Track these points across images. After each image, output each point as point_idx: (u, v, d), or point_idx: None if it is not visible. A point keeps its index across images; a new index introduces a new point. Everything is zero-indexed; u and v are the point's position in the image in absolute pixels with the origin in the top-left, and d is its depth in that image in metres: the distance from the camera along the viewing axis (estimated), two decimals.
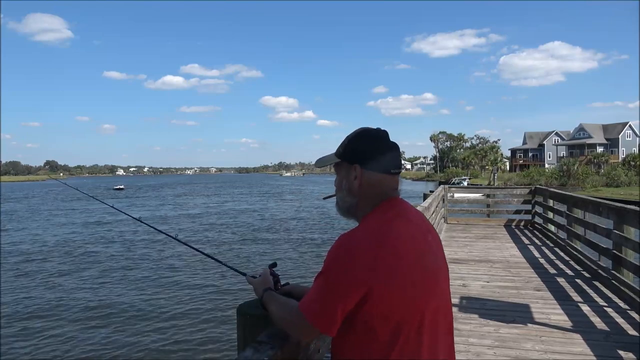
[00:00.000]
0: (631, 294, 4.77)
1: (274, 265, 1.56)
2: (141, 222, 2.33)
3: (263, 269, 1.52)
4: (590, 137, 67.09)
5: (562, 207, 8.15)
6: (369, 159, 1.26)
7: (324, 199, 1.64)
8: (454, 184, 50.75)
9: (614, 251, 5.33)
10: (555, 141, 72.99)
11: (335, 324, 1.14)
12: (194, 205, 37.65)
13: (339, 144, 1.34)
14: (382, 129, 1.32)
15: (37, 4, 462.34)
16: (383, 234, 1.16)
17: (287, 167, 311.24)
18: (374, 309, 1.13)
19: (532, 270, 6.19)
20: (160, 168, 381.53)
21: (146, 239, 18.68)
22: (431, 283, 1.21)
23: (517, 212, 11.88)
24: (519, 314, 4.36)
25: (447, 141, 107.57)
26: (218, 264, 1.92)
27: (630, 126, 66.62)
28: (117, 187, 73.27)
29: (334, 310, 1.13)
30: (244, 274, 1.61)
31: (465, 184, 50.82)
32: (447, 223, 10.94)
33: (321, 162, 1.41)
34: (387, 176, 1.27)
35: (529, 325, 4.06)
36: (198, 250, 2.04)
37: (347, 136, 1.32)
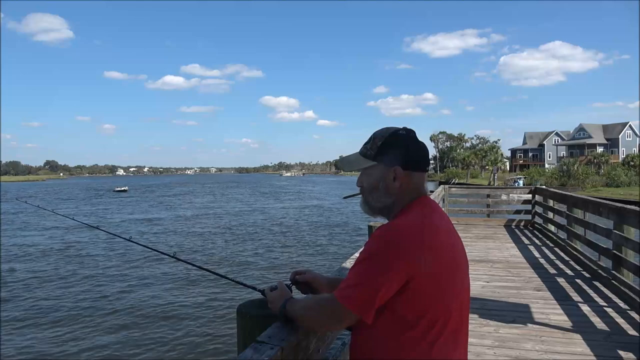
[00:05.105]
0: (631, 294, 4.78)
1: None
2: (136, 243, 2.37)
3: (278, 282, 1.48)
4: (590, 137, 67.16)
5: (562, 207, 8.15)
6: (406, 159, 1.27)
7: (345, 198, 1.61)
8: (454, 183, 50.64)
9: (614, 251, 5.33)
10: (555, 141, 73.08)
11: (373, 310, 1.15)
12: (198, 207, 37.66)
13: (366, 145, 1.31)
14: (409, 128, 1.32)
15: (37, 4, 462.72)
16: (425, 226, 1.18)
17: (287, 167, 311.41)
18: (410, 300, 1.14)
19: (532, 270, 6.19)
20: (160, 168, 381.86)
21: (147, 240, 18.68)
22: (459, 279, 1.24)
23: (517, 212, 11.90)
24: (519, 314, 4.35)
25: (447, 141, 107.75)
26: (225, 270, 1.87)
27: (630, 126, 66.72)
28: (120, 188, 66.36)
29: (374, 296, 1.13)
30: (262, 291, 1.52)
31: (522, 183, 44.76)
32: None
33: (349, 165, 1.37)
34: (421, 174, 1.30)
35: (529, 325, 4.05)
36: (208, 270, 2.00)
37: (377, 137, 1.30)
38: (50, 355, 7.29)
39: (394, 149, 1.27)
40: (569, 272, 6.16)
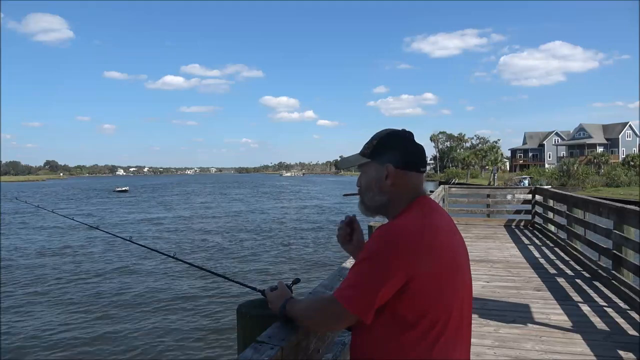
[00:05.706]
0: (631, 294, 4.78)
1: (298, 281, 1.56)
2: (136, 243, 2.37)
3: (278, 282, 1.49)
4: (590, 137, 67.18)
5: (562, 207, 8.15)
6: (400, 158, 1.28)
7: (344, 196, 1.64)
8: (453, 183, 50.51)
9: (614, 251, 5.33)
10: (555, 141, 73.10)
11: (372, 310, 1.15)
12: (198, 207, 37.70)
13: (365, 145, 1.35)
14: (407, 130, 1.35)
15: (37, 4, 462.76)
16: (425, 226, 1.18)
17: (287, 167, 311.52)
18: (410, 300, 1.14)
19: (532, 270, 6.19)
20: (160, 168, 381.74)
21: (148, 240, 18.69)
22: (460, 279, 1.24)
23: (517, 212, 11.89)
24: (519, 314, 4.35)
25: (447, 141, 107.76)
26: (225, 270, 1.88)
27: (630, 126, 66.75)
28: (121, 188, 65.33)
29: (374, 296, 1.13)
30: (262, 291, 1.52)
31: (527, 183, 44.21)
32: None
33: (347, 163, 1.40)
34: (417, 174, 1.31)
35: (529, 325, 4.06)
36: (208, 270, 2.01)
37: (374, 137, 1.33)
38: (44, 349, 7.30)
39: (389, 148, 1.29)
40: (569, 272, 6.16)
